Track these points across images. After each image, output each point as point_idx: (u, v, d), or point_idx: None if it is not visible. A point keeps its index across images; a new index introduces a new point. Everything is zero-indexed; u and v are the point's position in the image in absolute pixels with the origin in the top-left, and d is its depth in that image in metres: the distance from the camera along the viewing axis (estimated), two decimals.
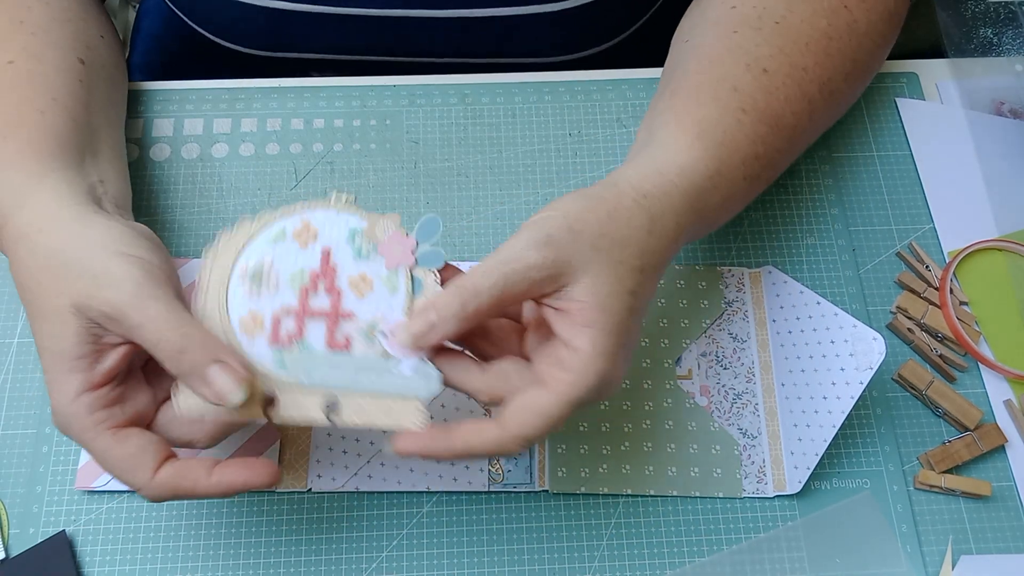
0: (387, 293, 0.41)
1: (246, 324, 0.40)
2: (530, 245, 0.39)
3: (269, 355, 0.40)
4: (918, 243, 0.56)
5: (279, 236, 0.41)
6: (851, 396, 0.48)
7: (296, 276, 0.41)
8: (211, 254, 0.41)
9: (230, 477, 0.39)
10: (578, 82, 0.61)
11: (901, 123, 0.61)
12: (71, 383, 0.39)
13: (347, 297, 0.41)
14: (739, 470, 0.50)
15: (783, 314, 0.53)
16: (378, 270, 0.41)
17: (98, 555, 0.47)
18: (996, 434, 0.51)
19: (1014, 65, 0.61)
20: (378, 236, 0.42)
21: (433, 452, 0.39)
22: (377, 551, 0.48)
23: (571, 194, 0.42)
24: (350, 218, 0.42)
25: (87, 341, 0.39)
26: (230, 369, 0.38)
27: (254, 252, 0.41)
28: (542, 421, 0.39)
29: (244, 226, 0.42)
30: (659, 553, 0.49)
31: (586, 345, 0.39)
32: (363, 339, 0.40)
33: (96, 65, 0.51)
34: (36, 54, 0.48)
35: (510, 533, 0.49)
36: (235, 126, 0.59)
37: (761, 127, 0.47)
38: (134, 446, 0.39)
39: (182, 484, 0.39)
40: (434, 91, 0.60)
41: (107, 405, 0.39)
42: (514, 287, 0.39)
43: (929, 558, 0.49)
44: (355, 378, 0.40)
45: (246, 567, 0.48)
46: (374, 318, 0.41)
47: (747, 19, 0.49)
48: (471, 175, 0.58)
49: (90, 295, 0.38)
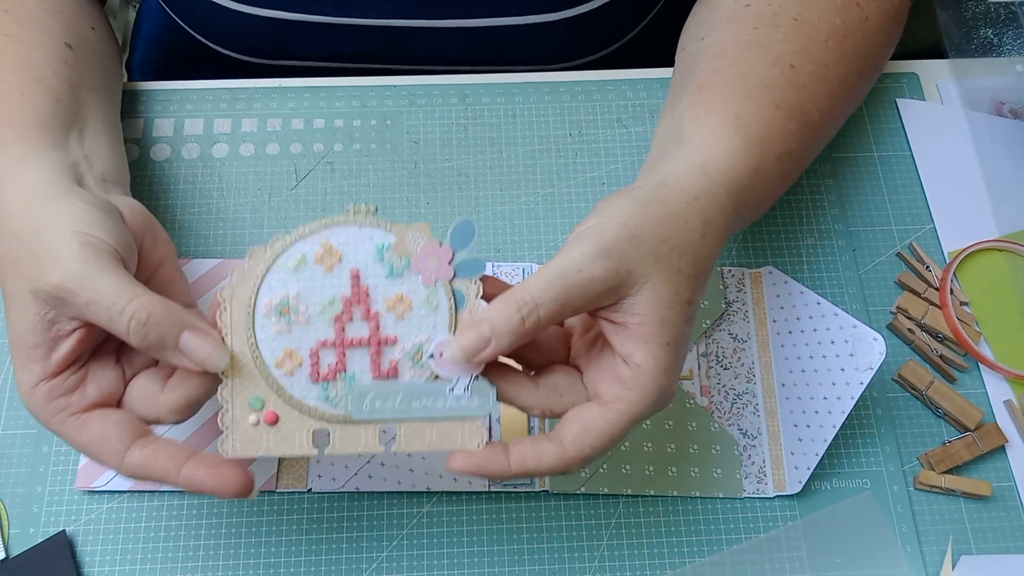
0: (428, 312, 0.39)
1: (283, 363, 0.38)
2: (591, 256, 0.37)
3: (314, 391, 0.38)
4: (918, 243, 0.56)
5: (300, 263, 0.39)
6: (851, 396, 0.48)
7: (327, 305, 0.39)
8: (227, 292, 0.38)
9: (200, 479, 0.37)
10: (578, 82, 0.61)
11: (901, 123, 0.61)
12: (29, 373, 0.38)
13: (386, 321, 0.39)
14: (739, 470, 0.50)
15: (783, 314, 0.53)
16: (415, 288, 0.39)
17: (98, 555, 0.47)
18: (996, 434, 0.51)
19: (1014, 65, 0.61)
20: (409, 250, 0.39)
21: (488, 471, 0.38)
22: (377, 551, 0.48)
23: (620, 197, 0.40)
24: (374, 232, 0.39)
25: (42, 329, 0.38)
26: (202, 334, 0.37)
27: (276, 284, 0.39)
28: (603, 441, 0.38)
29: (258, 255, 0.39)
30: (659, 553, 0.49)
31: (648, 360, 0.38)
32: (410, 363, 0.39)
33: (86, 52, 0.51)
34: (20, 39, 0.47)
35: (510, 533, 0.49)
36: (235, 126, 0.59)
37: (792, 123, 0.46)
38: (97, 432, 0.38)
39: (153, 472, 0.37)
40: (434, 91, 0.60)
41: (66, 392, 0.38)
42: (574, 300, 0.37)
43: (929, 558, 0.49)
44: (408, 405, 0.38)
45: (246, 567, 0.48)
46: (418, 340, 0.39)
47: (764, 16, 0.49)
48: (471, 175, 0.58)
49: (39, 276, 0.37)
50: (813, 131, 0.48)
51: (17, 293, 0.38)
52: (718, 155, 0.43)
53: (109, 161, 0.48)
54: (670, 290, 0.38)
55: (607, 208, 0.40)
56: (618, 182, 0.58)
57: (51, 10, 0.50)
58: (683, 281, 0.39)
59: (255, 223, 0.56)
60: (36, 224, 0.39)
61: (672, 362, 0.38)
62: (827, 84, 0.48)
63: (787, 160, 0.46)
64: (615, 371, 0.39)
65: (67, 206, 0.40)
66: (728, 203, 0.42)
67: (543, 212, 0.57)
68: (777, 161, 0.45)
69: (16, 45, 0.47)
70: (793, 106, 0.46)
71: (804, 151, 0.48)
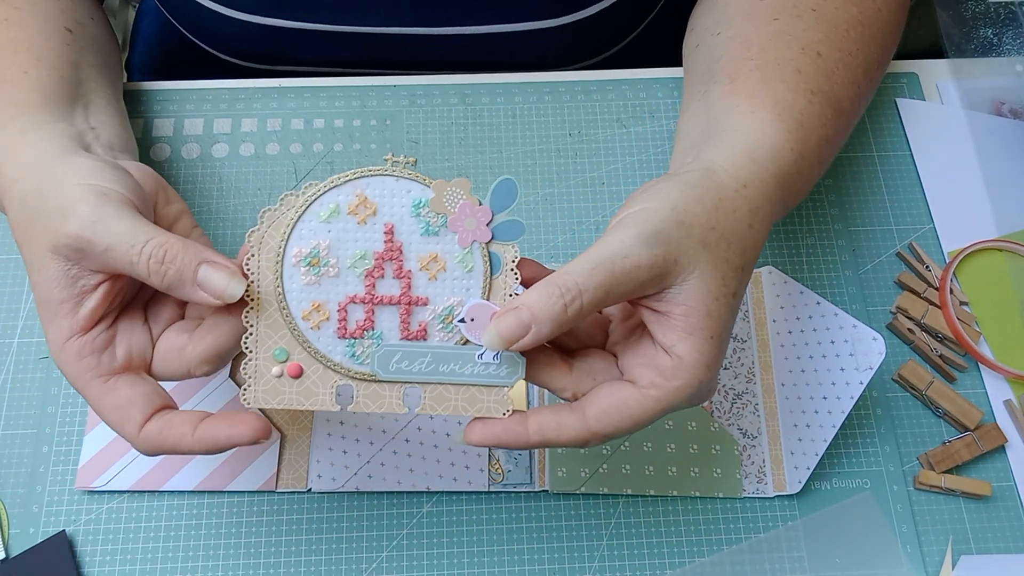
0: (462, 274, 0.38)
1: (310, 316, 0.38)
2: (639, 241, 0.36)
3: (340, 347, 0.38)
4: (918, 243, 0.56)
5: (333, 213, 0.37)
6: (851, 396, 0.48)
7: (359, 259, 0.38)
8: (255, 238, 0.38)
9: (212, 432, 0.37)
10: (578, 82, 0.61)
11: (901, 123, 0.61)
12: (59, 330, 0.38)
13: (418, 280, 0.38)
14: (739, 470, 0.50)
15: (783, 314, 0.53)
16: (450, 248, 0.38)
17: (98, 555, 0.47)
18: (996, 434, 0.51)
19: (1014, 65, 0.61)
20: (446, 207, 0.37)
21: (506, 442, 0.37)
22: (377, 551, 0.48)
23: (666, 182, 0.39)
24: (411, 186, 0.38)
25: (66, 285, 0.38)
26: (219, 266, 0.36)
27: (306, 233, 0.37)
28: (629, 424, 0.37)
29: (289, 201, 0.38)
30: (659, 553, 0.49)
31: (691, 353, 0.36)
32: (440, 326, 0.38)
33: (86, 37, 0.51)
34: (19, 22, 0.47)
35: (510, 533, 0.49)
36: (235, 126, 0.59)
37: (828, 109, 0.45)
38: (123, 397, 0.38)
39: (167, 439, 0.37)
40: (434, 91, 0.60)
41: (96, 351, 0.38)
42: (620, 287, 0.36)
43: (929, 558, 0.49)
44: (435, 368, 0.38)
45: (246, 567, 0.48)
46: (450, 303, 0.38)
47: (783, 7, 0.48)
48: (471, 175, 0.58)
49: (56, 230, 0.37)
50: (844, 117, 0.47)
51: (36, 254, 0.38)
52: (764, 142, 0.42)
53: (116, 133, 0.48)
54: (717, 281, 0.37)
55: (653, 192, 0.38)
56: (618, 182, 0.58)
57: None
58: (730, 272, 0.38)
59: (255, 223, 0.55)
60: (46, 184, 0.39)
61: (715, 357, 0.37)
62: (853, 72, 0.48)
63: (825, 146, 0.46)
64: (655, 360, 0.37)
65: (75, 163, 0.40)
66: (775, 191, 0.41)
67: (543, 212, 0.57)
68: (817, 147, 0.44)
69: (16, 28, 0.47)
70: (826, 92, 0.46)
71: (838, 137, 0.47)
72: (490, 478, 0.49)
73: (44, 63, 0.46)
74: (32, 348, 0.52)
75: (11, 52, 0.46)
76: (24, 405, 0.51)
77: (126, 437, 0.38)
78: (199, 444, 0.37)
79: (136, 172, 0.42)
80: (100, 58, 0.52)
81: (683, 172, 0.40)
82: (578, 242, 0.56)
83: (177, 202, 0.43)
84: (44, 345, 0.52)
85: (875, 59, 0.50)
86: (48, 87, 0.45)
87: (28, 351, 0.52)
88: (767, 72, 0.45)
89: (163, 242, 0.36)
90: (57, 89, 0.46)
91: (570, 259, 0.55)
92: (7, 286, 0.54)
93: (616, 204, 0.57)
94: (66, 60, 0.48)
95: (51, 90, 0.45)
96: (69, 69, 0.47)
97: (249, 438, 0.37)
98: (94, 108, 0.48)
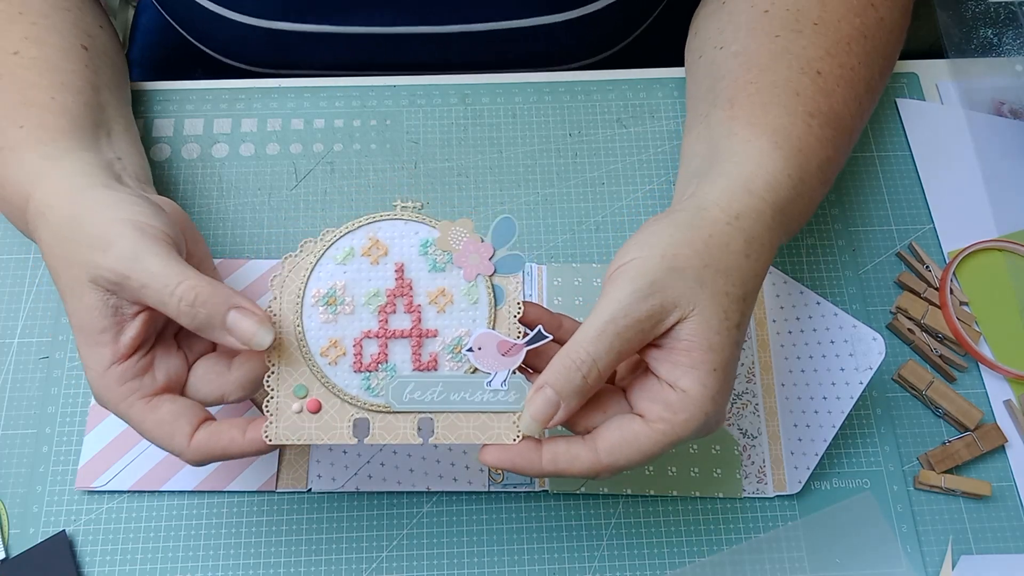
0: (468, 305, 0.40)
1: (327, 352, 0.40)
2: (635, 297, 0.37)
3: (356, 380, 0.40)
4: (918, 243, 0.56)
5: (348, 255, 0.40)
6: (851, 396, 0.48)
7: (372, 296, 0.40)
8: (277, 281, 0.40)
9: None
10: (578, 82, 0.61)
11: (901, 123, 0.61)
12: (99, 357, 0.39)
13: (427, 314, 0.40)
14: (739, 470, 0.50)
15: (783, 314, 0.53)
16: (456, 282, 0.40)
17: (98, 555, 0.47)
18: (996, 434, 0.51)
19: (1014, 65, 0.61)
20: (452, 245, 0.40)
21: (520, 468, 0.39)
22: (377, 551, 0.48)
23: (656, 224, 0.40)
24: (419, 228, 0.41)
25: (107, 314, 0.39)
26: (249, 312, 0.38)
27: (324, 275, 0.40)
28: (639, 457, 0.38)
29: (308, 247, 0.40)
30: (659, 553, 0.49)
31: (695, 387, 0.37)
32: (450, 356, 0.40)
33: (99, 51, 0.51)
34: (39, 41, 0.48)
35: (510, 533, 0.49)
36: (235, 126, 0.59)
37: (827, 130, 0.46)
38: (168, 413, 0.39)
39: (218, 444, 0.38)
40: (434, 91, 0.60)
41: (137, 375, 0.39)
42: (628, 344, 0.38)
43: (929, 558, 0.49)
44: (446, 397, 0.39)
45: (246, 567, 0.48)
46: (458, 333, 0.40)
47: (785, 22, 0.48)
48: (471, 175, 0.58)
49: (95, 263, 0.38)
50: (846, 134, 0.48)
51: (74, 283, 0.39)
52: (760, 172, 0.43)
53: (139, 163, 0.49)
54: (718, 315, 0.38)
55: (646, 238, 0.40)
56: (618, 182, 0.58)
57: (61, 8, 0.50)
58: (731, 304, 0.39)
59: (255, 223, 0.56)
60: (83, 213, 0.40)
61: (721, 388, 0.38)
62: (854, 87, 0.48)
63: (827, 167, 0.46)
64: (661, 394, 0.38)
65: (112, 196, 0.41)
66: (774, 219, 0.42)
67: (543, 212, 0.57)
68: (819, 170, 0.45)
69: (36, 47, 0.48)
70: (825, 112, 0.46)
71: (840, 155, 0.48)
72: (490, 478, 0.49)
73: (69, 88, 0.47)
74: (32, 348, 0.52)
75: (35, 74, 0.47)
76: (24, 405, 0.51)
77: (174, 450, 0.39)
78: (250, 445, 0.39)
79: (169, 209, 0.43)
80: (114, 76, 0.52)
81: (676, 211, 0.41)
82: (578, 242, 0.56)
83: (201, 241, 0.45)
84: (44, 345, 0.52)
85: (878, 70, 0.50)
86: (75, 112, 0.46)
87: (28, 351, 0.52)
88: (765, 96, 0.46)
89: (195, 285, 0.37)
90: (84, 115, 0.46)
91: (570, 259, 0.55)
92: (7, 286, 0.54)
93: (616, 204, 0.57)
94: (88, 83, 0.48)
95: (78, 115, 0.46)
96: (91, 93, 0.48)
97: None
98: (115, 135, 0.48)
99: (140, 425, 0.39)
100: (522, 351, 0.40)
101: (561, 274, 0.54)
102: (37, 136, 0.44)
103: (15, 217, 0.45)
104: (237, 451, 0.39)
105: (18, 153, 0.44)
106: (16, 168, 0.43)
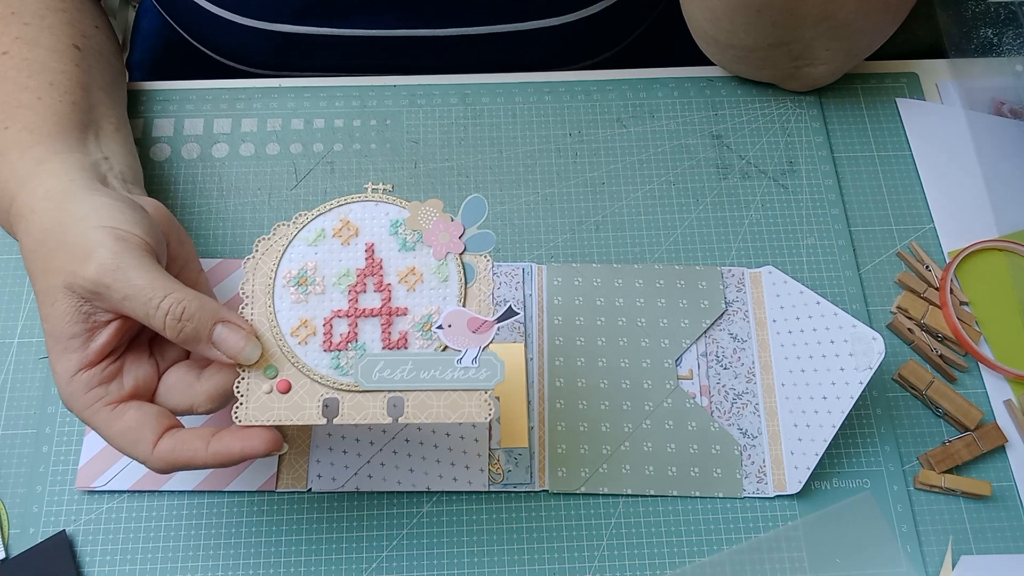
0: (439, 284, 0.40)
1: (298, 332, 0.40)
2: None
3: (326, 360, 0.40)
4: (918, 243, 0.56)
5: (319, 236, 0.41)
6: (851, 396, 0.48)
7: (342, 276, 0.40)
8: (251, 264, 0.40)
9: (226, 446, 0.38)
10: (578, 82, 0.61)
11: (901, 123, 0.61)
12: (67, 363, 0.39)
13: (397, 292, 0.40)
14: (739, 470, 0.50)
15: (783, 314, 0.53)
16: (426, 261, 0.40)
17: (98, 555, 0.47)
18: (996, 434, 0.51)
19: (1014, 65, 0.61)
20: (422, 225, 0.40)
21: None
22: (377, 551, 0.48)
23: None
24: (390, 209, 0.41)
25: (78, 320, 0.38)
26: (235, 328, 0.38)
27: (295, 256, 0.40)
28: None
29: (281, 230, 0.41)
30: (659, 553, 0.49)
31: None
32: (419, 334, 0.40)
33: (93, 52, 0.51)
34: (30, 41, 0.48)
35: (510, 533, 0.49)
36: (235, 126, 0.59)
37: None
38: (132, 419, 0.39)
39: (181, 455, 0.38)
40: (434, 91, 0.60)
41: (104, 381, 0.39)
42: None
43: (929, 558, 0.49)
44: (416, 375, 0.39)
45: (246, 567, 0.48)
46: (428, 311, 0.40)
47: None
48: (471, 175, 0.58)
49: (74, 271, 0.38)
50: None
51: (49, 288, 0.39)
52: None
53: (127, 163, 0.48)
54: None
55: None
56: (618, 182, 0.58)
57: (55, 8, 0.50)
58: None
59: (255, 223, 0.56)
60: (65, 220, 0.40)
61: None
62: None
63: None
64: None
65: (95, 202, 0.40)
66: None
67: (543, 212, 0.57)
68: None
69: (27, 48, 0.47)
70: None
71: None
72: (490, 478, 0.49)
73: (57, 88, 0.47)
74: (32, 348, 0.52)
75: (24, 75, 0.46)
76: (24, 405, 0.51)
77: (138, 457, 0.39)
78: (213, 458, 0.38)
79: (152, 211, 0.43)
80: (107, 75, 0.52)
81: None
82: (578, 242, 0.56)
83: (187, 242, 0.45)
84: (44, 345, 0.52)
85: None
86: (62, 113, 0.46)
87: (28, 351, 0.52)
88: None
89: (181, 299, 0.38)
90: (71, 115, 0.46)
91: (570, 259, 0.55)
92: (7, 286, 0.54)
93: (616, 204, 0.57)
94: (77, 83, 0.48)
95: (65, 116, 0.46)
96: (80, 93, 0.48)
97: (262, 450, 0.38)
98: (104, 135, 0.48)
99: (105, 432, 0.39)
100: (493, 328, 0.40)
101: (561, 274, 0.54)
102: (22, 138, 0.44)
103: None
104: (200, 463, 0.38)
105: (4, 155, 0.44)
106: (1, 169, 0.43)
